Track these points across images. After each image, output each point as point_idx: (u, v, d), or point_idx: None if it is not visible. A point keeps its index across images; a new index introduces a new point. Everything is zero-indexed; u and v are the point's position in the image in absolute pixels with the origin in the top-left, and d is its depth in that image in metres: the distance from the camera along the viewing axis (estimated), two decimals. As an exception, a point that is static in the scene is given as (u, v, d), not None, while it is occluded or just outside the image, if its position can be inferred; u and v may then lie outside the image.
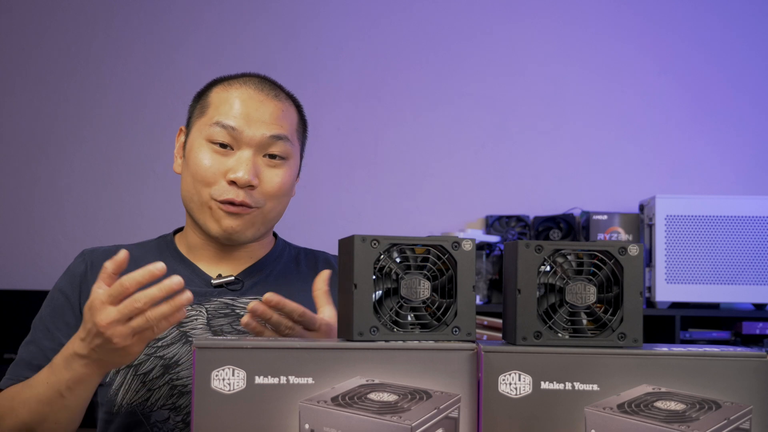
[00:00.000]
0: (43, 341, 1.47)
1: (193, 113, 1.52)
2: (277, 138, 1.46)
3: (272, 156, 1.47)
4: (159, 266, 1.19)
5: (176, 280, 1.18)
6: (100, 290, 1.20)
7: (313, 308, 1.51)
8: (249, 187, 1.44)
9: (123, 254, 1.22)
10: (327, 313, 1.34)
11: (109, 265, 1.22)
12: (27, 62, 3.72)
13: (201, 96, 1.53)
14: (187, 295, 1.19)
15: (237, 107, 1.46)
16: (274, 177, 1.47)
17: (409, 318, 1.10)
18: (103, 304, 1.18)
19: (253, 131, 1.45)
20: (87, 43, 3.72)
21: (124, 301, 1.18)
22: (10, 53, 3.73)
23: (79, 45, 3.71)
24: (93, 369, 1.25)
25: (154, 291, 1.17)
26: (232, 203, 1.44)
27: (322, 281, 1.36)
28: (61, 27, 3.72)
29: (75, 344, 1.25)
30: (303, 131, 1.57)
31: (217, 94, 1.49)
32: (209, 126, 1.46)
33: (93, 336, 1.20)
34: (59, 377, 1.28)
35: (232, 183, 1.44)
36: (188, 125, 1.52)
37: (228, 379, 1.04)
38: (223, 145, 1.45)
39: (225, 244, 1.51)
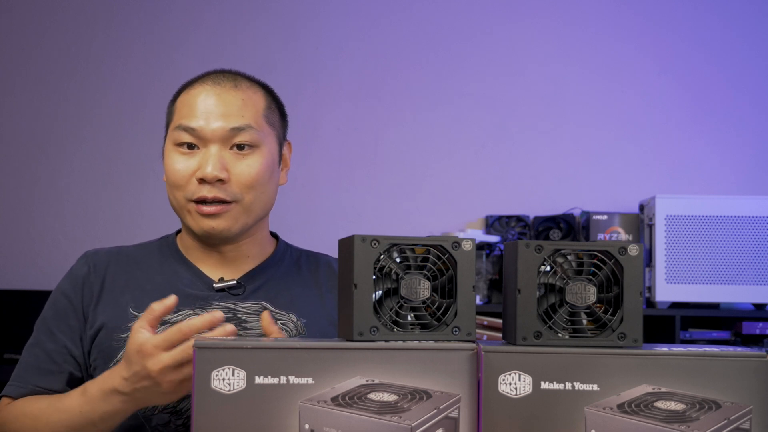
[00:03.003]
0: (47, 344, 1.47)
1: (166, 121, 1.53)
2: (239, 129, 1.45)
3: (240, 147, 1.45)
4: (218, 315, 1.21)
5: (218, 315, 1.21)
6: (147, 333, 1.22)
7: (313, 309, 1.51)
8: (220, 181, 1.43)
9: (172, 299, 1.25)
10: None
11: (157, 308, 1.24)
12: (27, 62, 3.72)
13: (170, 103, 1.54)
14: (230, 328, 1.21)
15: (196, 107, 1.46)
16: (245, 168, 1.45)
17: (409, 318, 1.10)
18: (156, 349, 1.20)
19: (213, 127, 1.44)
20: (87, 43, 3.72)
21: (179, 347, 1.20)
22: (10, 53, 3.73)
23: (79, 45, 3.71)
24: (131, 405, 1.28)
25: (208, 336, 1.19)
26: (204, 201, 1.44)
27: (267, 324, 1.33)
28: (61, 27, 3.72)
29: (116, 381, 1.26)
30: (279, 117, 1.54)
31: (180, 99, 1.50)
32: (173, 131, 1.47)
33: (140, 378, 1.23)
34: (94, 408, 1.31)
35: (202, 181, 1.43)
36: (165, 134, 1.53)
37: (228, 379, 1.04)
38: (190, 146, 1.45)
39: (216, 243, 1.51)
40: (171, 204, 1.50)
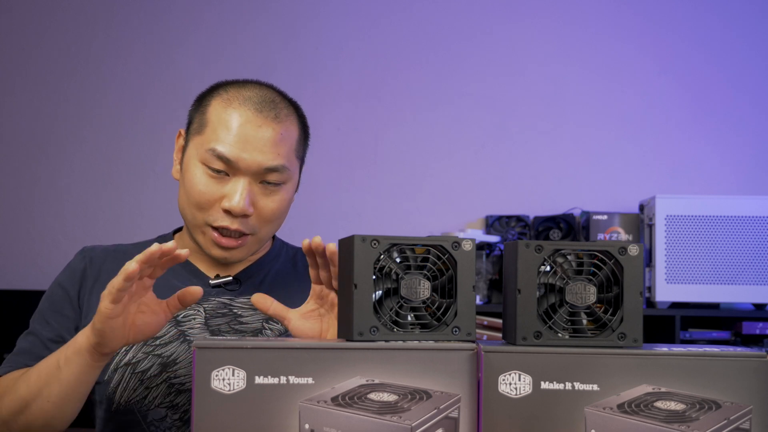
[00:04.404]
0: (42, 332, 1.48)
1: (192, 122, 1.49)
2: (273, 169, 1.43)
3: (268, 182, 1.45)
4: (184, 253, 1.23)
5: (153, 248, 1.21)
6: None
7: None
8: (244, 216, 1.43)
9: (175, 248, 1.22)
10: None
11: (155, 249, 1.20)
12: (27, 62, 3.72)
13: (201, 104, 1.49)
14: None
15: (233, 132, 1.42)
16: (269, 203, 1.45)
17: (409, 318, 1.10)
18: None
19: (249, 160, 1.41)
20: (87, 43, 3.72)
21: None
22: (10, 53, 3.73)
23: (79, 45, 3.71)
24: (96, 339, 1.23)
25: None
26: (226, 229, 1.43)
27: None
28: (61, 27, 3.72)
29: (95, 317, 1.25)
30: (304, 144, 1.53)
31: (215, 111, 1.45)
32: (205, 150, 1.43)
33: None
34: (61, 351, 1.30)
35: (227, 211, 1.42)
36: (187, 132, 1.50)
37: (228, 379, 1.04)
38: (218, 170, 1.43)
39: None
40: (183, 215, 1.48)
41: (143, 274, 1.21)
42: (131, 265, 1.17)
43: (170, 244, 1.20)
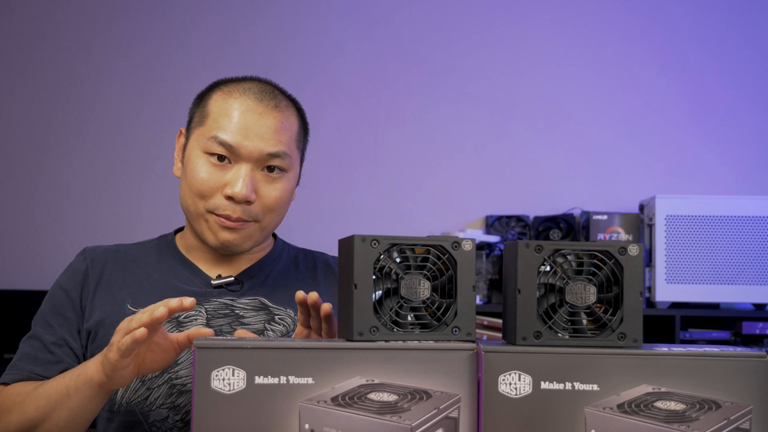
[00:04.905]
0: (45, 336, 1.47)
1: (193, 118, 1.50)
2: (275, 155, 1.44)
3: (270, 169, 1.45)
4: (189, 301, 1.21)
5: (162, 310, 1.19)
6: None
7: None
8: (246, 202, 1.43)
9: (190, 302, 1.22)
10: None
11: (174, 304, 1.20)
12: (27, 62, 3.72)
13: (201, 100, 1.50)
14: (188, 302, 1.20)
15: (235, 120, 1.43)
16: (272, 191, 1.45)
17: (409, 318, 1.10)
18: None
19: (251, 147, 1.42)
20: (87, 43, 3.72)
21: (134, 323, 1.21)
22: (10, 53, 3.73)
23: (79, 45, 3.72)
24: (105, 372, 1.24)
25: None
26: (228, 218, 1.44)
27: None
28: (61, 27, 3.72)
29: (105, 350, 1.26)
30: (304, 137, 1.54)
31: (216, 103, 1.46)
32: (207, 139, 1.44)
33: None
34: (71, 376, 1.31)
35: (229, 198, 1.43)
36: (188, 129, 1.51)
37: (228, 379, 1.03)
38: (220, 158, 1.43)
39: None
40: (184, 206, 1.49)
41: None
42: (139, 332, 1.17)
43: (166, 310, 1.19)
